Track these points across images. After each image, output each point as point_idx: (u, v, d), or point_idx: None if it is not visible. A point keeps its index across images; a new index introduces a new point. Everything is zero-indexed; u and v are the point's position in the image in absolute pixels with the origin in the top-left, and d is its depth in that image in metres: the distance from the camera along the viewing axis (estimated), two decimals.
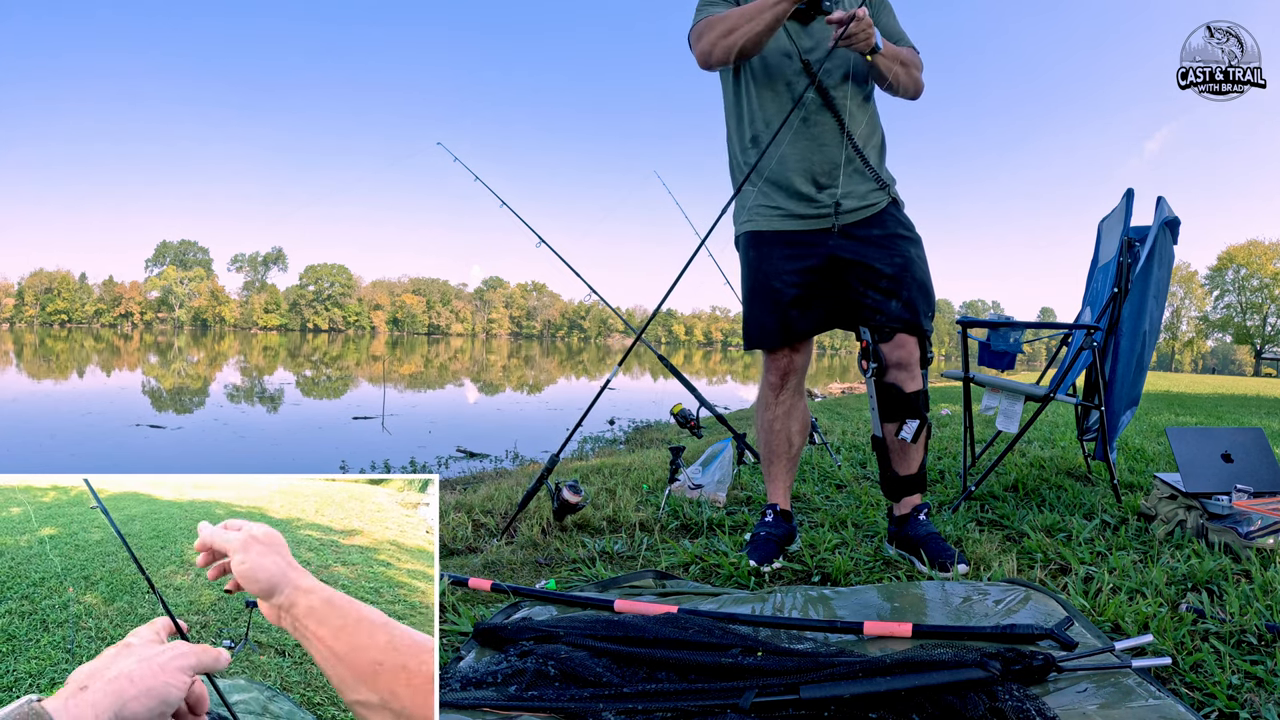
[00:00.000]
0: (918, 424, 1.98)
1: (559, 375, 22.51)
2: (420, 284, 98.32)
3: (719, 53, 1.95)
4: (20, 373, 16.35)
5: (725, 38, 1.92)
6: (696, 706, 1.09)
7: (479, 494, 3.06)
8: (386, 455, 5.93)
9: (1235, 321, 65.42)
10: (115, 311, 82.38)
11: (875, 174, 2.01)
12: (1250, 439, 2.36)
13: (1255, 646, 1.38)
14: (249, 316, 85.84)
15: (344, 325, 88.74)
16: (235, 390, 13.37)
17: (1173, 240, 2.77)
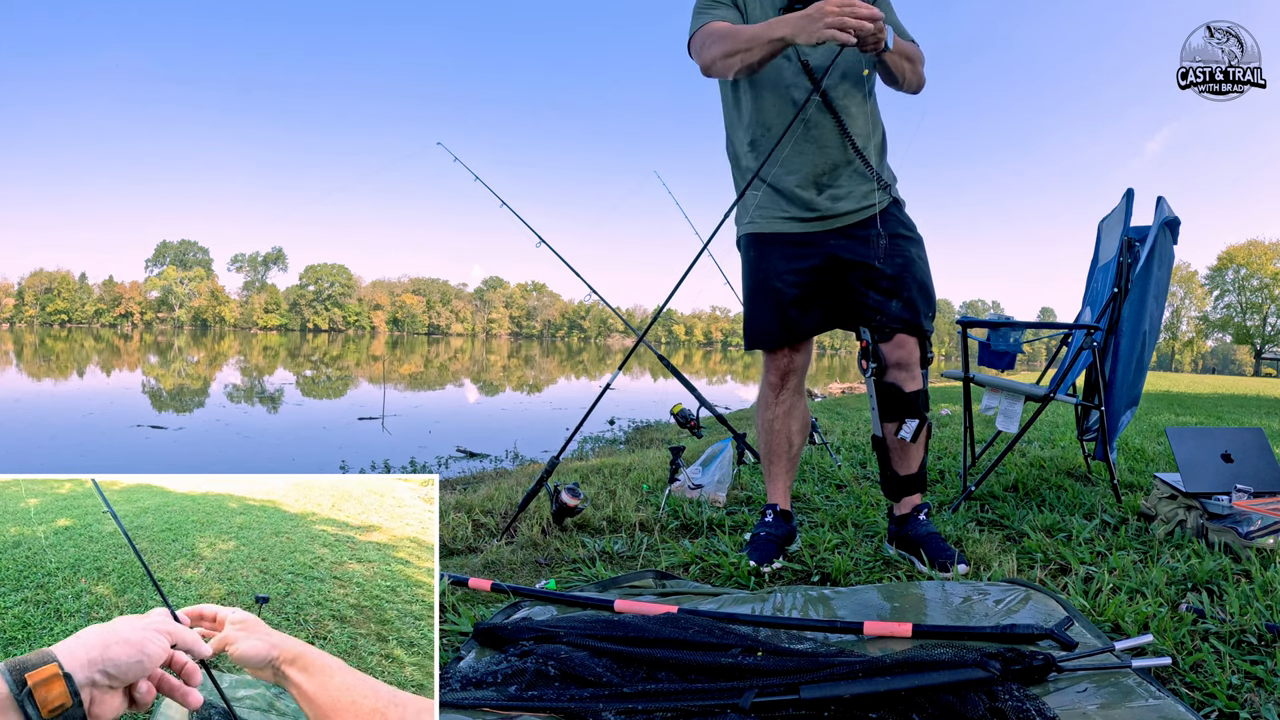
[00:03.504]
0: (917, 423, 1.98)
1: (559, 375, 22.51)
2: (420, 284, 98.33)
3: (718, 69, 1.94)
4: (20, 373, 16.34)
5: (725, 59, 1.90)
6: (696, 706, 1.09)
7: (479, 494, 3.06)
8: (386, 455, 5.93)
9: (1235, 321, 65.41)
10: (115, 311, 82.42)
11: (876, 174, 2.00)
12: (1250, 439, 2.36)
13: (1255, 646, 1.38)
14: (249, 316, 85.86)
15: (344, 325, 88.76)
16: (235, 390, 13.37)
17: (1173, 240, 2.77)
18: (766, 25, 1.80)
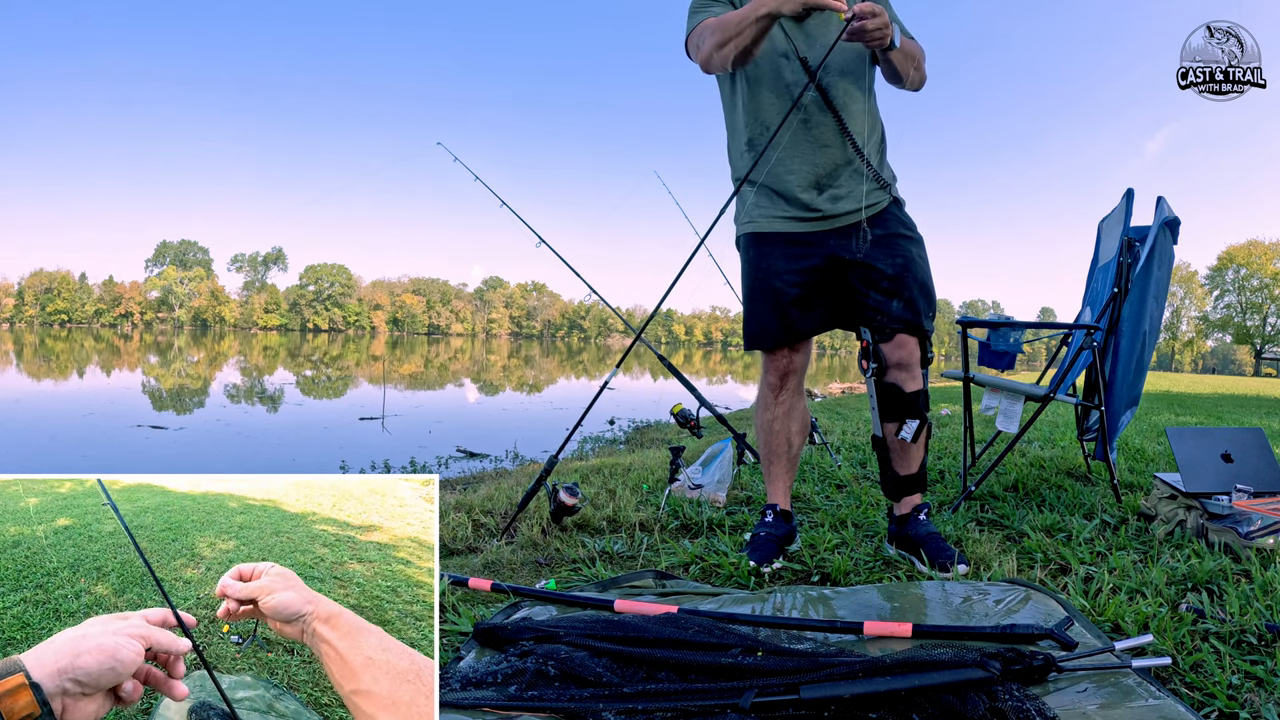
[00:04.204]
0: (918, 424, 1.97)
1: (559, 375, 22.51)
2: (420, 284, 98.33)
3: (716, 63, 1.94)
4: (20, 373, 16.34)
5: (718, 50, 1.89)
6: (696, 706, 1.09)
7: (479, 494, 3.06)
8: (386, 455, 5.93)
9: (1235, 321, 65.39)
10: (115, 311, 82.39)
11: (876, 174, 1.99)
12: (1250, 439, 2.36)
13: (1255, 646, 1.38)
14: (249, 316, 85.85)
15: (344, 325, 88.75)
16: (235, 390, 13.37)
17: (1173, 240, 2.77)
18: (752, 4, 1.80)
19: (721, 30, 1.87)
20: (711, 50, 1.91)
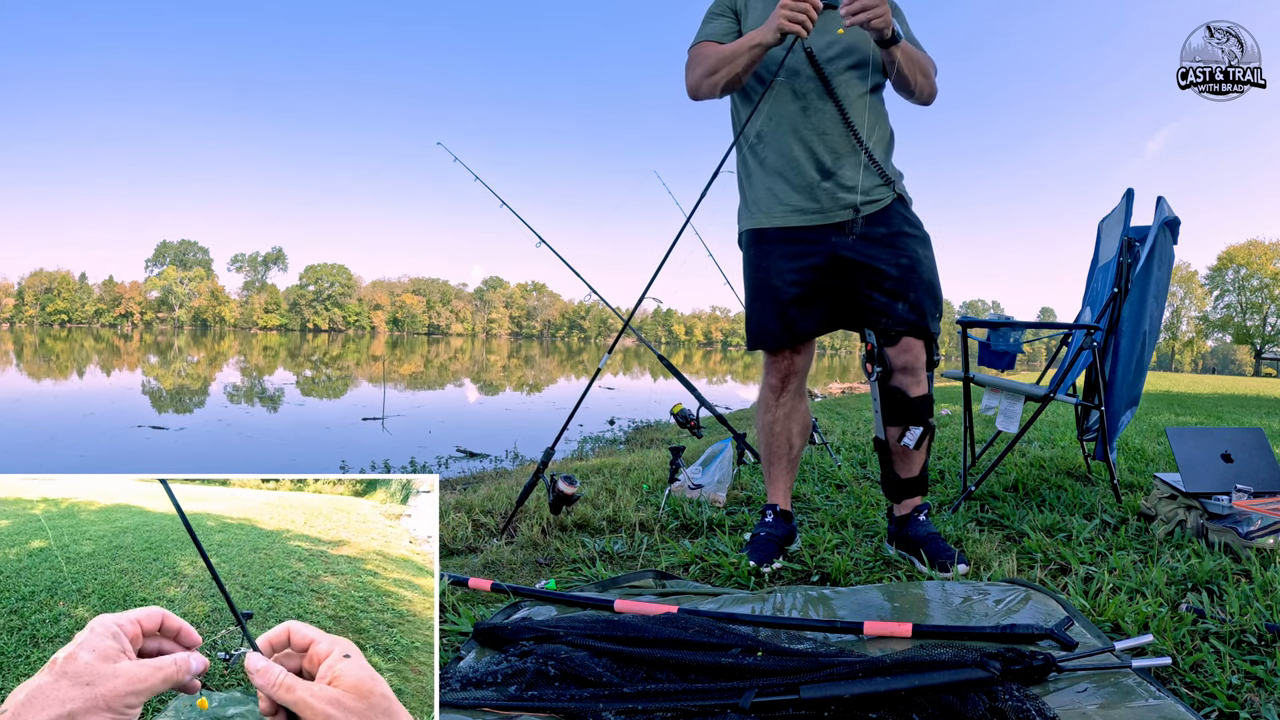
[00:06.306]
0: (921, 430, 1.96)
1: (559, 375, 22.50)
2: (420, 284, 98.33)
3: (705, 90, 2.00)
4: (20, 373, 16.34)
5: (708, 77, 1.97)
6: (696, 706, 1.09)
7: (479, 494, 3.06)
8: (387, 455, 5.93)
9: (1235, 321, 65.38)
10: (115, 311, 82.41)
11: (880, 168, 1.95)
12: (1250, 439, 2.36)
13: (1255, 646, 1.38)
14: (249, 316, 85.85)
15: (344, 325, 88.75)
16: (236, 390, 13.37)
17: (1173, 240, 2.77)
18: (747, 35, 1.91)
19: (715, 59, 1.94)
20: (700, 78, 1.99)
